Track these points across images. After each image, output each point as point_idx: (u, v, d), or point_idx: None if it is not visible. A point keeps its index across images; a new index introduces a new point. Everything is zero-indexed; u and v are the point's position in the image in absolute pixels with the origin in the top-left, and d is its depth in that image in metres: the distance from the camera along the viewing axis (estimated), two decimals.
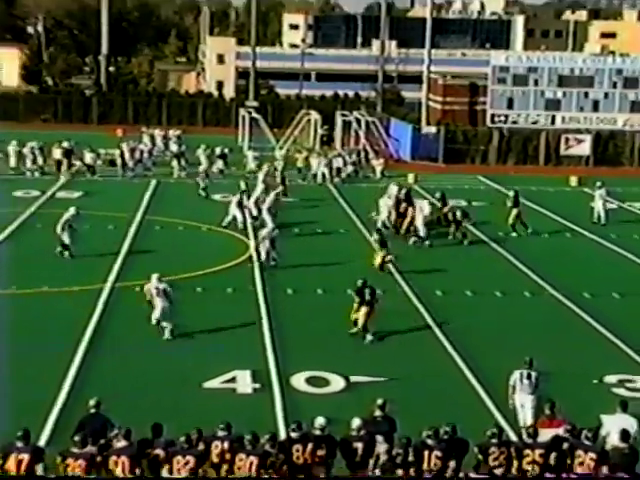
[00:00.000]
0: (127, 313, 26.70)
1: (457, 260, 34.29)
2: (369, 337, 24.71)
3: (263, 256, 31.49)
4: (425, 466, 15.18)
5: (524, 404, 18.89)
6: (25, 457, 14.85)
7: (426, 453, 15.22)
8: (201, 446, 15.19)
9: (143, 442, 15.36)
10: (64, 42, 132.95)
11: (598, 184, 42.02)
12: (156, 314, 24.45)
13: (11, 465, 14.83)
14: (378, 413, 16.65)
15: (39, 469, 14.89)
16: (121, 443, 15.13)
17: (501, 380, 21.62)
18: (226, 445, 15.27)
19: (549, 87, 59.01)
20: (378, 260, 31.16)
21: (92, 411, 16.54)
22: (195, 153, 52.48)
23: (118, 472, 14.88)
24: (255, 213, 37.64)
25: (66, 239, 32.37)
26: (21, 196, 43.69)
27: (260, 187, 40.43)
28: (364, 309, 24.87)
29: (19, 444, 14.99)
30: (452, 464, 15.30)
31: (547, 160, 59.71)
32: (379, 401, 16.81)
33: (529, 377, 19.05)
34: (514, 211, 38.31)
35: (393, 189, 38.69)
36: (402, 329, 26.00)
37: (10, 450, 14.93)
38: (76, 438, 15.22)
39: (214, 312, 27.01)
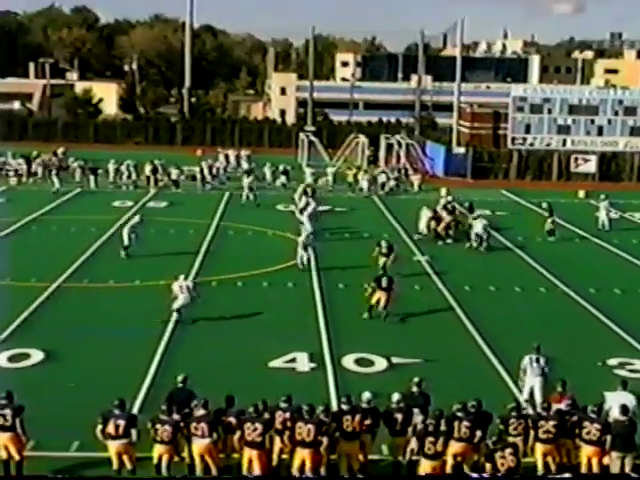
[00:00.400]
0: (205, 304, 26.78)
1: (483, 261, 34.06)
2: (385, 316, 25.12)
3: (298, 260, 31.25)
4: (455, 434, 15.09)
5: (534, 385, 18.67)
6: (121, 423, 15.00)
7: (456, 424, 15.14)
8: (266, 415, 15.21)
9: (218, 411, 15.42)
10: (154, 78, 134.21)
11: (602, 196, 41.63)
12: (177, 304, 24.43)
13: (110, 429, 14.96)
14: (415, 389, 16.61)
15: (133, 433, 15.00)
16: (200, 412, 15.18)
17: (519, 362, 21.50)
18: (287, 415, 15.29)
19: (561, 115, 58.49)
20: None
21: (179, 385, 16.61)
22: (262, 169, 53.02)
23: (198, 435, 14.94)
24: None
25: (126, 241, 32.38)
26: (118, 205, 44.04)
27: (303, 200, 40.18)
28: (381, 294, 24.92)
29: (116, 411, 15.13)
30: (478, 433, 15.21)
31: (559, 176, 59.20)
32: (415, 379, 16.79)
33: (538, 361, 18.83)
34: (549, 220, 37.90)
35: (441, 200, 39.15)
36: (436, 318, 25.91)
37: (109, 417, 15.07)
38: (163, 407, 15.31)
39: (277, 303, 27.04)
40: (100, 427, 15.09)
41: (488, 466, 14.42)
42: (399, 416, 15.70)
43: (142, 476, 15.05)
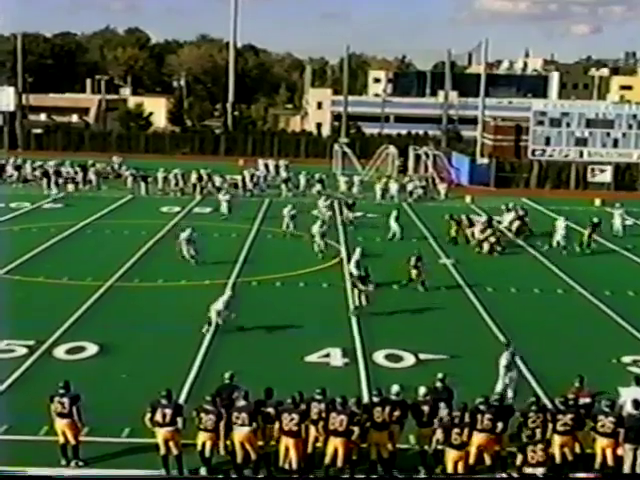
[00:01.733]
0: (246, 303, 26.86)
1: (505, 264, 33.87)
2: (420, 288, 27.73)
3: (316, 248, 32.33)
4: (478, 426, 15.01)
5: (513, 378, 18.52)
6: (168, 412, 15.05)
7: (479, 416, 15.05)
8: (303, 407, 15.22)
9: (258, 402, 15.44)
10: (200, 93, 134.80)
11: (617, 205, 41.26)
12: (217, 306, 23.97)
13: (158, 417, 15.03)
14: (439, 384, 16.48)
15: (179, 421, 15.05)
16: (241, 402, 15.22)
17: (539, 359, 21.38)
18: (322, 406, 15.28)
19: (578, 128, 57.98)
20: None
21: (227, 381, 16.54)
22: (298, 177, 53.21)
23: (239, 424, 14.96)
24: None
25: (187, 254, 31.51)
26: (166, 211, 44.29)
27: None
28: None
29: (164, 401, 15.19)
30: (500, 425, 15.11)
31: (577, 186, 58.70)
32: (439, 375, 16.64)
33: (513, 356, 18.76)
34: (588, 232, 37.14)
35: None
36: (461, 317, 25.80)
37: (157, 406, 15.14)
38: (208, 397, 15.36)
39: (313, 302, 27.05)
40: (149, 415, 15.16)
41: (520, 457, 14.26)
42: (426, 408, 15.65)
43: (187, 463, 15.12)
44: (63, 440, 15.42)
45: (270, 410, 15.24)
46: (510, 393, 18.06)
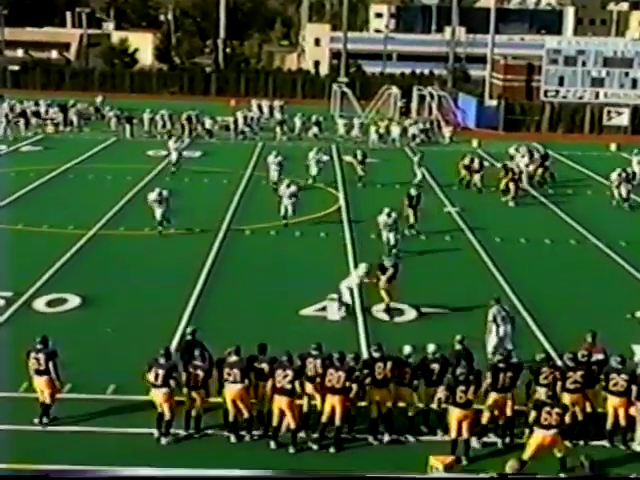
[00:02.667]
0: (238, 252, 26.92)
1: (514, 213, 33.81)
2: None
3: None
4: (498, 385, 15.10)
5: (505, 336, 18.38)
6: (160, 372, 15.05)
7: (501, 375, 15.14)
8: (298, 362, 15.28)
9: (251, 358, 15.49)
10: (189, 28, 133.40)
11: (636, 151, 41.09)
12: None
13: (151, 377, 15.06)
14: (458, 347, 16.29)
15: (172, 383, 15.04)
16: (233, 358, 15.27)
17: (548, 313, 21.48)
18: (318, 362, 15.35)
19: (595, 67, 57.59)
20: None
21: (188, 337, 16.52)
22: (294, 120, 52.87)
23: (230, 380, 15.03)
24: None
25: (159, 216, 28.57)
26: (152, 155, 44.10)
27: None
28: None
29: (161, 360, 15.20)
30: (518, 383, 15.28)
31: (591, 129, 58.48)
32: (458, 337, 16.43)
33: (505, 310, 18.66)
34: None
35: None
36: (465, 269, 25.84)
37: (152, 365, 15.16)
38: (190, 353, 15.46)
39: (309, 253, 27.07)
40: (147, 374, 15.19)
41: (533, 414, 14.31)
42: (436, 366, 15.61)
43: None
44: (43, 398, 15.48)
45: (264, 366, 15.30)
46: (510, 346, 18.07)
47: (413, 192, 29.64)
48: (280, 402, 14.92)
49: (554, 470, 14.09)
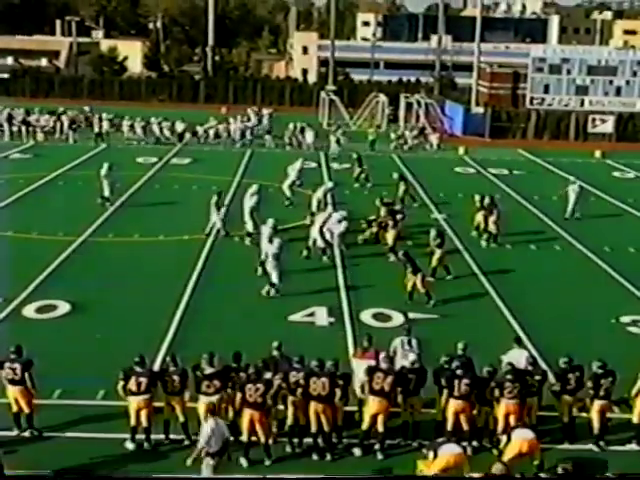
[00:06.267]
0: (227, 258, 26.92)
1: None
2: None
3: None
4: (507, 395, 15.10)
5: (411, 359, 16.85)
6: (143, 380, 14.95)
7: (508, 385, 15.09)
8: (268, 375, 15.04)
9: (227, 368, 15.31)
10: (178, 36, 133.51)
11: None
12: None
13: (132, 386, 14.97)
14: (461, 354, 16.13)
15: (153, 390, 14.97)
16: (208, 370, 15.13)
17: (536, 317, 21.56)
18: (301, 375, 15.12)
19: (579, 75, 57.91)
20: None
21: (275, 353, 16.03)
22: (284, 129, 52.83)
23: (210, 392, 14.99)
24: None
25: (107, 192, 33.17)
26: (142, 162, 44.05)
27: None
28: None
29: (138, 369, 15.10)
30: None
31: (576, 136, 58.67)
32: (460, 345, 16.29)
33: (410, 343, 16.88)
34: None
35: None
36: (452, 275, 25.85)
37: (130, 374, 15.05)
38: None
39: (297, 258, 27.02)
40: (122, 384, 15.01)
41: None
42: (412, 377, 15.47)
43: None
44: (16, 408, 15.31)
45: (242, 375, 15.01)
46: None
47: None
48: (252, 415, 14.57)
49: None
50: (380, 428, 15.04)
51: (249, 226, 28.41)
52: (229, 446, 13.88)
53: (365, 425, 15.18)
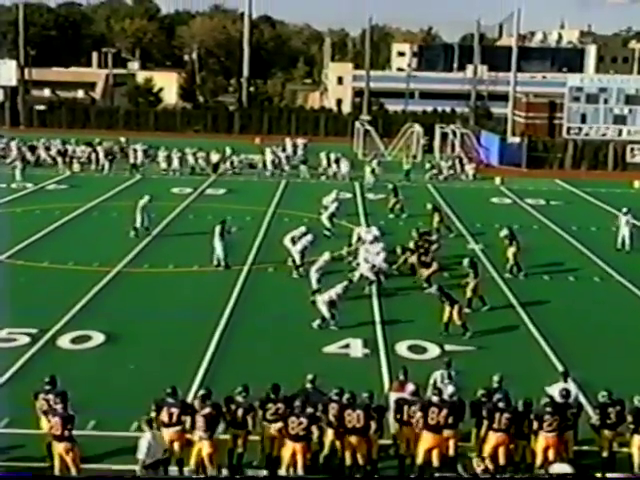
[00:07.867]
0: (262, 290, 26.93)
1: (537, 250, 33.60)
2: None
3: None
4: (546, 428, 14.93)
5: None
6: (175, 411, 14.95)
7: (547, 417, 14.94)
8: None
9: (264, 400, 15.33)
10: (213, 67, 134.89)
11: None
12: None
13: (164, 417, 14.97)
14: (496, 386, 16.05)
15: (187, 422, 14.92)
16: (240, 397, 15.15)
17: (572, 349, 21.33)
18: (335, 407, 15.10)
19: (617, 105, 57.56)
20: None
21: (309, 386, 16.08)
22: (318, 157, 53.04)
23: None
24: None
25: (138, 222, 33.70)
26: (177, 192, 44.35)
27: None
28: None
29: (170, 400, 15.09)
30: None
31: (614, 166, 58.36)
32: (496, 377, 16.18)
33: (449, 377, 16.90)
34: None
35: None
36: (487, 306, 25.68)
37: (162, 405, 15.05)
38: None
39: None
40: (154, 415, 14.99)
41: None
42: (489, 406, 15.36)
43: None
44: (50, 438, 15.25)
45: (280, 406, 15.06)
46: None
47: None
48: (294, 447, 14.63)
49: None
50: (435, 462, 14.92)
51: (297, 257, 28.37)
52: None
53: (419, 459, 15.06)
